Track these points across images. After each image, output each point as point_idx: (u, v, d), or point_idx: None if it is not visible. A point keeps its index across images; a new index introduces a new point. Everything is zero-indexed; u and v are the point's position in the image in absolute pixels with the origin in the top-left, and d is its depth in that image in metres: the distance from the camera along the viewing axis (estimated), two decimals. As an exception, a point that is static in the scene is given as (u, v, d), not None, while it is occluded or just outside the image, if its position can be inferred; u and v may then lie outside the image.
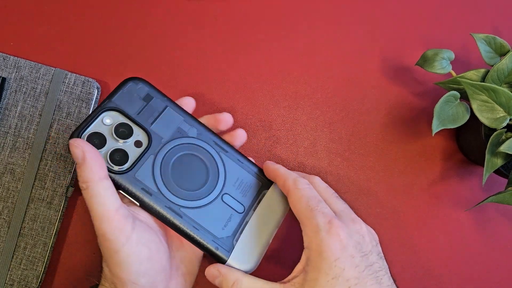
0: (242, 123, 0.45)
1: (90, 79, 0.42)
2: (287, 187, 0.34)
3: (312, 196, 0.33)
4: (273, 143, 0.44)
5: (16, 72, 0.42)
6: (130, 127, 0.34)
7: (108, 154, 0.33)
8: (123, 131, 0.33)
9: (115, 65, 0.45)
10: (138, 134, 0.34)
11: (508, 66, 0.39)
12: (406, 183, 0.44)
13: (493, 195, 0.37)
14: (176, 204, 0.33)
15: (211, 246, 0.33)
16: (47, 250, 0.40)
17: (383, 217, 0.43)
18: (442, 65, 0.41)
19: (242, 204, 0.35)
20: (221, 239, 0.33)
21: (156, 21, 0.46)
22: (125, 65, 0.45)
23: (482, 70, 0.40)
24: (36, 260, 0.40)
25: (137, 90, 0.35)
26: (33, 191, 0.41)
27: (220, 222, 0.34)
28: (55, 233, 0.40)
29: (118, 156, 0.33)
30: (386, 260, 0.33)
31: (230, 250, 0.33)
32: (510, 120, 0.37)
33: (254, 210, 0.35)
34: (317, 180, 0.36)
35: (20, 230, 0.40)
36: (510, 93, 0.36)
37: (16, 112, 0.42)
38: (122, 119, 0.34)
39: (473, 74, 0.40)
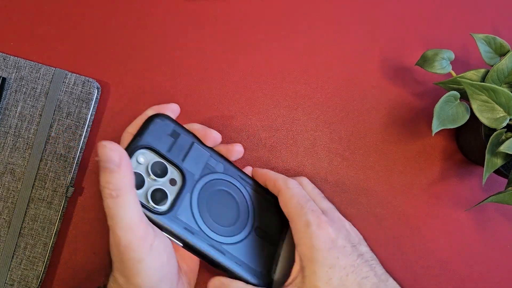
0: (242, 123, 0.45)
1: (90, 79, 0.42)
2: (278, 187, 0.35)
3: (302, 195, 0.34)
4: (273, 143, 0.44)
5: (16, 72, 0.42)
6: (165, 165, 0.33)
7: (150, 193, 0.31)
8: (158, 170, 0.32)
9: (115, 65, 0.45)
10: (172, 171, 0.33)
11: (508, 66, 0.39)
12: (406, 183, 0.44)
13: (493, 195, 0.37)
14: (218, 242, 0.33)
15: (253, 282, 0.33)
16: (47, 250, 0.40)
17: (383, 217, 0.43)
18: (442, 65, 0.41)
19: (273, 236, 0.35)
20: (260, 272, 0.33)
21: (156, 21, 0.46)
22: (125, 65, 0.45)
23: (482, 70, 0.40)
24: (36, 260, 0.40)
25: (164, 127, 0.34)
26: (33, 191, 0.41)
27: (257, 256, 0.34)
28: (55, 233, 0.40)
29: (158, 196, 0.32)
30: (385, 260, 0.34)
31: (270, 285, 0.33)
32: (510, 120, 0.37)
33: (283, 241, 0.36)
34: (304, 181, 0.38)
35: (20, 230, 0.40)
36: (510, 93, 0.36)
37: (16, 112, 0.42)
38: (155, 157, 0.33)
39: (473, 74, 0.40)
